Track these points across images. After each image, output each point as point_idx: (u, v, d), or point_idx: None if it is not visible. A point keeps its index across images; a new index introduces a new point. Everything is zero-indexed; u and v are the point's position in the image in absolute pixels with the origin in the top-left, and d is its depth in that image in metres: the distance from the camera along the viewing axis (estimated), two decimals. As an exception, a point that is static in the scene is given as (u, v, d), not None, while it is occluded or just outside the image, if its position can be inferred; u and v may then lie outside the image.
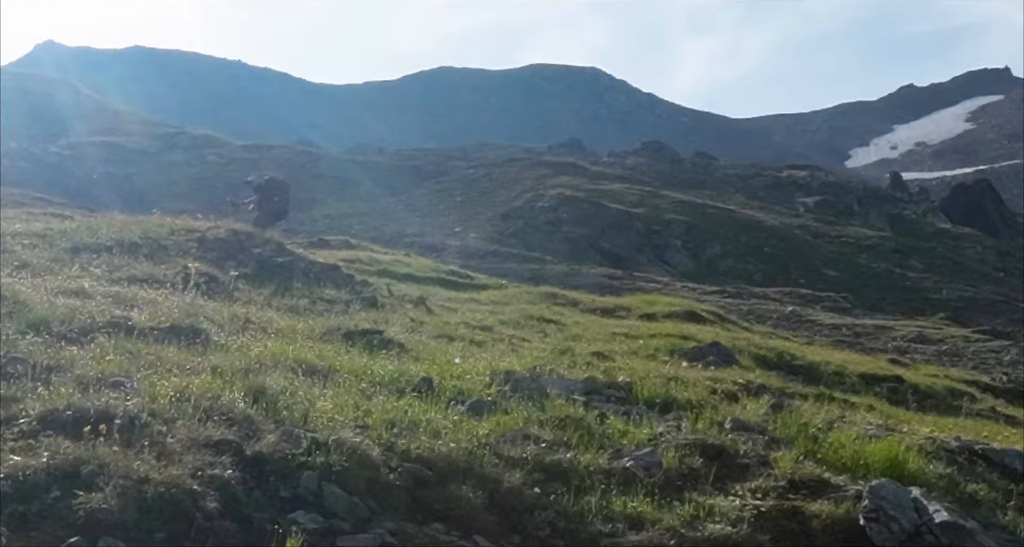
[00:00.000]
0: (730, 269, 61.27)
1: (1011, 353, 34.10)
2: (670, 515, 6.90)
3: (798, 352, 21.21)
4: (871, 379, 19.23)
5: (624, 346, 16.96)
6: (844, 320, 41.34)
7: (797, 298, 49.11)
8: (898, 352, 31.79)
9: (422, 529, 6.16)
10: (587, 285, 41.37)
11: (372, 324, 13.16)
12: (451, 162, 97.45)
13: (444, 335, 14.48)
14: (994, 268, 70.61)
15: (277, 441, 6.56)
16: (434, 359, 10.87)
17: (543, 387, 9.61)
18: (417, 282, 28.08)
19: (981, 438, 10.69)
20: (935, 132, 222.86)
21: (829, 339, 33.49)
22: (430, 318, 17.25)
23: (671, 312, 26.08)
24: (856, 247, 69.34)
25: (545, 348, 14.76)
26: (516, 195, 75.03)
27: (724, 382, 11.89)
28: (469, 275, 34.71)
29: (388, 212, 73.67)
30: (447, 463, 6.94)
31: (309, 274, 17.79)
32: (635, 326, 21.50)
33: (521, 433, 7.87)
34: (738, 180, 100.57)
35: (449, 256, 52.16)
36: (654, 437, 8.47)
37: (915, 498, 7.34)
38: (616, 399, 10.10)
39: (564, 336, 18.11)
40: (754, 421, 9.42)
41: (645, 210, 69.61)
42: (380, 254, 35.48)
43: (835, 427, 9.61)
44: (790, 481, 7.75)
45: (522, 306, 24.20)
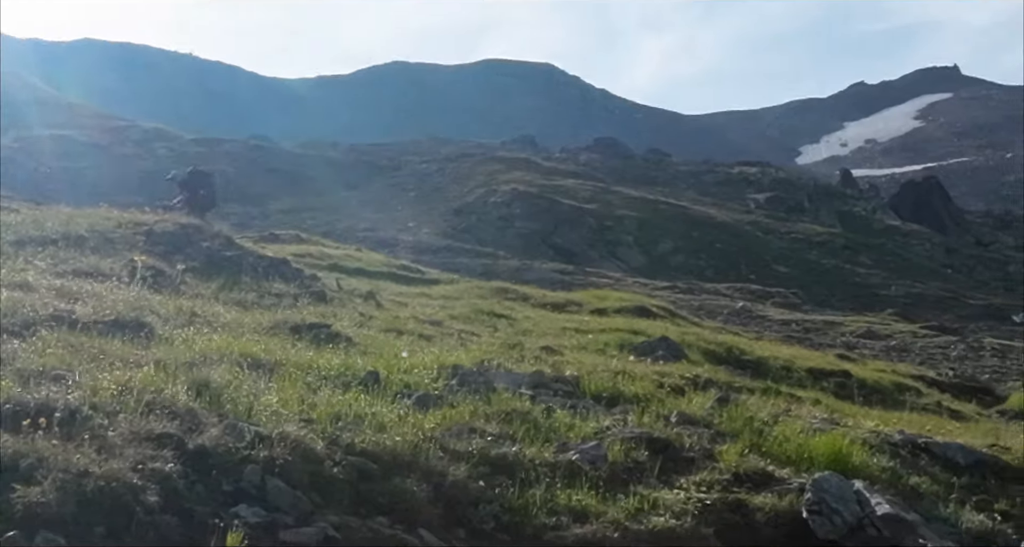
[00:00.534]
0: (681, 265, 61.48)
1: (958, 349, 34.42)
2: (615, 508, 6.91)
3: (747, 347, 21.30)
4: (819, 374, 19.34)
5: (574, 341, 16.98)
6: (794, 316, 41.59)
7: (748, 294, 49.36)
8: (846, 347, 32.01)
9: (366, 523, 6.12)
10: (539, 280, 41.40)
11: (320, 318, 13.10)
12: (404, 157, 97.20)
13: (393, 329, 14.44)
14: (942, 265, 71.24)
15: (220, 435, 6.50)
16: (382, 353, 10.82)
17: (490, 381, 9.60)
18: (368, 277, 27.98)
19: (925, 432, 10.78)
20: (885, 130, 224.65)
21: (779, 334, 33.66)
22: (379, 312, 17.20)
23: (622, 307, 26.12)
24: (806, 243, 69.77)
25: (494, 342, 14.77)
26: (469, 190, 74.95)
27: (671, 376, 11.95)
28: (420, 270, 34.67)
29: (340, 207, 73.40)
30: (392, 457, 6.91)
31: (258, 268, 17.69)
32: (585, 321, 21.52)
33: (467, 427, 7.85)
34: (690, 176, 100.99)
35: (401, 251, 52.03)
36: (600, 431, 8.48)
37: (858, 491, 7.39)
38: (563, 393, 10.11)
39: (514, 331, 18.13)
40: (700, 415, 9.46)
41: (597, 206, 69.73)
42: (331, 249, 35.33)
43: (780, 421, 9.68)
44: (735, 474, 7.79)
45: (473, 301, 24.18)
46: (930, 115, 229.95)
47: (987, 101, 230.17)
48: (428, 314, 18.76)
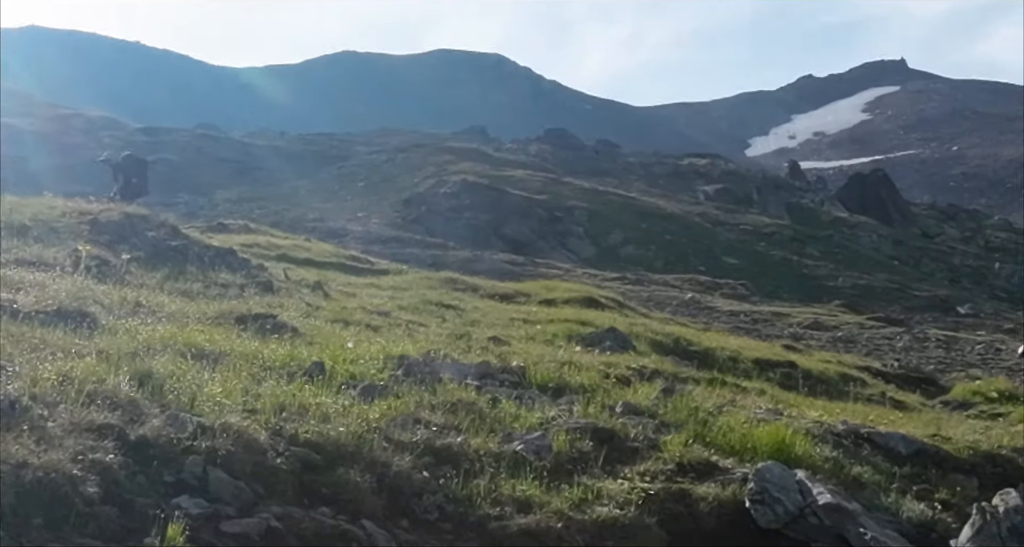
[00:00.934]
0: (631, 256, 61.62)
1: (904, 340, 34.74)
2: (559, 498, 6.92)
3: (694, 338, 21.40)
4: (765, 364, 19.47)
5: (522, 331, 17.00)
6: (742, 307, 41.79)
7: (696, 285, 49.54)
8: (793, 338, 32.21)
9: (309, 513, 6.10)
10: (488, 271, 41.38)
11: (266, 308, 13.05)
12: (354, 147, 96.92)
13: (340, 320, 14.39)
14: (889, 256, 71.79)
15: (162, 425, 6.46)
16: (328, 343, 10.77)
17: (437, 371, 9.59)
18: (316, 267, 27.88)
19: (868, 422, 10.88)
20: (833, 122, 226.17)
21: (727, 325, 33.82)
22: (327, 303, 17.15)
23: (570, 298, 26.18)
24: (755, 235, 70.11)
25: (442, 333, 14.76)
26: (419, 181, 74.78)
27: (618, 367, 11.98)
28: (370, 260, 34.57)
29: (289, 197, 73.08)
30: (336, 447, 6.89)
31: (204, 258, 17.59)
32: (534, 312, 21.55)
33: (412, 417, 7.84)
34: (640, 168, 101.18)
35: (350, 241, 51.84)
36: (546, 421, 8.49)
37: (800, 480, 7.45)
38: (510, 383, 10.12)
39: (462, 321, 18.12)
40: (645, 405, 9.50)
41: (548, 197, 69.75)
42: (279, 239, 35.16)
43: (725, 411, 9.74)
44: (679, 464, 7.83)
45: (422, 291, 24.14)
46: (877, 108, 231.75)
47: (934, 94, 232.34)
48: (376, 305, 18.72)
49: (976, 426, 12.43)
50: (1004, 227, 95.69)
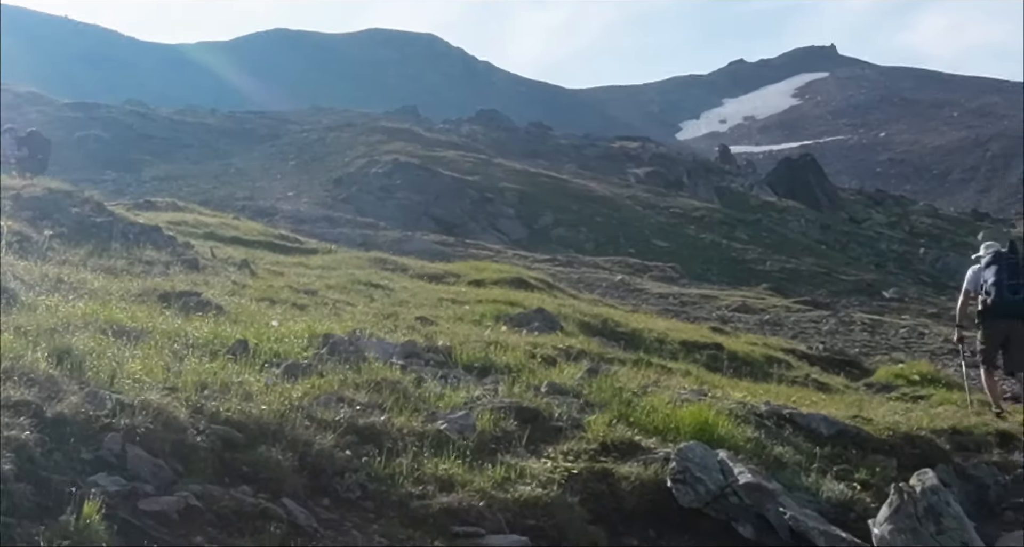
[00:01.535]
0: (562, 238, 61.74)
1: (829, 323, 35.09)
2: (481, 477, 6.92)
3: (622, 319, 21.48)
4: (692, 346, 19.57)
5: (450, 312, 16.96)
6: (671, 289, 42.01)
7: (626, 267, 49.75)
8: (721, 321, 32.43)
9: (229, 491, 6.05)
10: (419, 251, 41.27)
11: (191, 286, 12.92)
12: (285, 125, 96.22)
13: (267, 298, 14.27)
14: (816, 241, 72.50)
15: (80, 402, 6.36)
16: (252, 322, 10.68)
17: (361, 350, 9.54)
18: (244, 245, 27.66)
19: (791, 403, 10.99)
20: (763, 107, 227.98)
21: (656, 307, 33.98)
22: (253, 281, 17.01)
23: (500, 279, 26.17)
24: (685, 218, 70.50)
25: (369, 312, 14.70)
26: (350, 160, 74.40)
27: (544, 347, 12.00)
28: (299, 239, 34.34)
29: (219, 175, 72.47)
30: (257, 426, 6.83)
31: (129, 235, 17.39)
32: (463, 292, 21.52)
33: (336, 396, 7.79)
34: (572, 150, 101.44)
35: (280, 220, 51.50)
36: (470, 400, 8.47)
37: (721, 460, 7.50)
38: (435, 363, 10.10)
39: (390, 301, 18.05)
40: (570, 385, 9.52)
41: (479, 178, 69.69)
42: (208, 217, 34.83)
43: (649, 391, 9.78)
44: (602, 444, 7.85)
45: (350, 271, 24.02)
46: (807, 94, 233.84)
47: (862, 81, 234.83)
48: (304, 284, 18.59)
49: (897, 408, 12.60)
50: (929, 213, 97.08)
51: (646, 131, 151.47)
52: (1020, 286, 13.56)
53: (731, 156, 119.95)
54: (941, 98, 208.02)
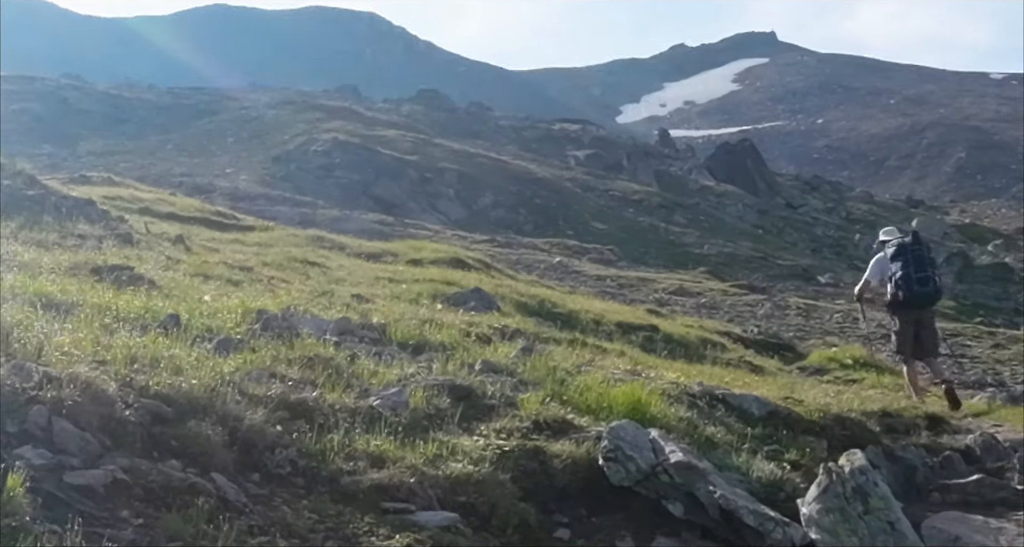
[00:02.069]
0: (501, 219, 61.78)
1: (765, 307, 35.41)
2: (413, 454, 6.89)
3: (559, 300, 21.54)
4: (628, 327, 19.67)
5: (387, 290, 16.93)
6: (609, 272, 42.20)
7: (565, 249, 49.89)
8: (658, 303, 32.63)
9: (157, 466, 5.97)
10: (357, 230, 41.15)
11: (123, 260, 12.77)
12: (224, 102, 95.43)
13: (201, 274, 14.15)
14: (753, 225, 73.03)
15: (6, 375, 6.26)
16: (185, 297, 10.59)
17: (295, 327, 9.47)
18: (180, 221, 27.46)
19: (723, 384, 11.05)
20: (703, 92, 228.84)
21: (593, 289, 34.11)
22: (188, 257, 16.86)
23: (437, 258, 26.16)
24: (623, 201, 70.74)
25: (305, 289, 14.63)
26: (289, 138, 73.99)
27: (480, 326, 12.00)
28: (236, 216, 34.13)
29: (156, 151, 71.84)
30: (187, 400, 6.76)
31: (62, 209, 17.15)
32: (400, 271, 21.48)
33: (268, 371, 7.73)
34: (512, 131, 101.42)
35: (218, 197, 51.14)
36: (404, 378, 8.44)
37: (653, 439, 7.52)
38: (370, 340, 10.06)
39: (327, 279, 17.98)
40: (505, 364, 9.51)
41: (419, 158, 69.53)
42: (143, 192, 34.54)
43: (583, 371, 9.81)
44: (535, 422, 7.84)
45: (287, 249, 23.91)
46: (747, 79, 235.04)
47: (801, 67, 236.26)
48: (239, 260, 18.47)
49: (828, 390, 12.72)
50: (865, 199, 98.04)
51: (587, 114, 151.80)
52: (928, 278, 14.15)
53: (671, 140, 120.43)
54: (879, 86, 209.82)
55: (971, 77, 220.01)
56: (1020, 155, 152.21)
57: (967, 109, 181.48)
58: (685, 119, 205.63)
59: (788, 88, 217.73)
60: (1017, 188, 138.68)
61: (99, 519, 5.27)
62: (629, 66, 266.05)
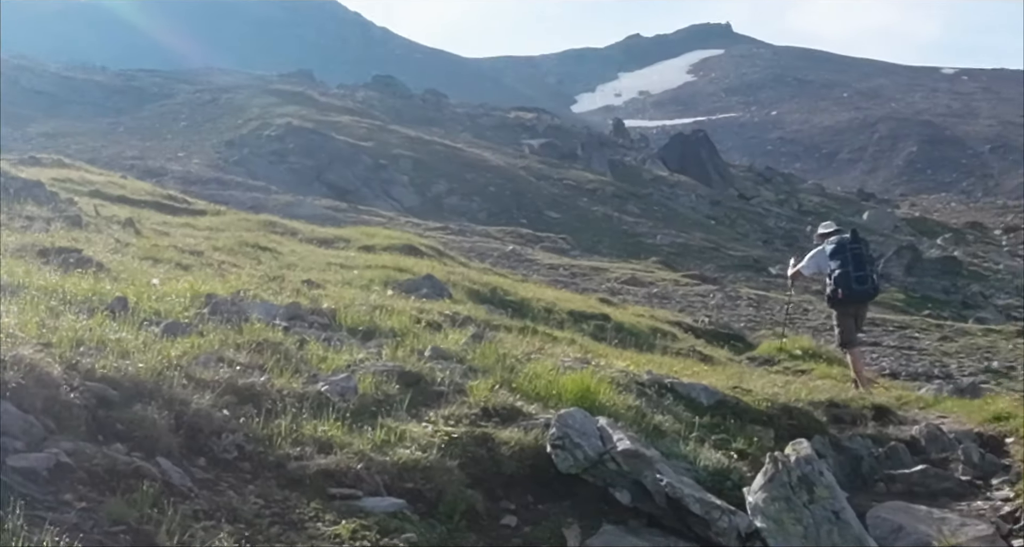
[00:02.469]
0: (455, 206, 61.67)
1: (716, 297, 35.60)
2: (361, 440, 6.88)
3: (511, 288, 21.57)
4: (579, 316, 19.75)
5: (338, 276, 16.90)
6: (562, 260, 42.27)
7: (518, 237, 49.91)
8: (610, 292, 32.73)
9: (102, 449, 5.93)
10: (310, 216, 41.00)
11: (72, 243, 12.67)
12: (177, 85, 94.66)
13: (150, 257, 14.07)
14: (706, 216, 73.25)
15: (-51, 357, 6.20)
16: (133, 280, 10.51)
17: (244, 311, 9.43)
18: (131, 205, 27.25)
19: (673, 373, 11.10)
20: (658, 82, 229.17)
21: (546, 278, 34.18)
22: (138, 240, 16.74)
23: (390, 245, 26.13)
24: (578, 190, 70.78)
25: (255, 274, 14.55)
26: (242, 122, 73.58)
27: (431, 313, 11.99)
28: (187, 200, 33.90)
29: (108, 133, 71.23)
30: (134, 384, 6.71)
31: (10, 190, 17.02)
32: (352, 257, 21.45)
33: (216, 356, 7.69)
34: (467, 119, 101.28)
35: (170, 181, 50.83)
36: (353, 363, 8.42)
37: (601, 427, 7.54)
38: (319, 325, 10.03)
39: (278, 264, 17.90)
40: (454, 350, 9.52)
41: (373, 144, 69.31)
42: (94, 175, 34.25)
43: (533, 358, 9.82)
44: (483, 409, 7.85)
45: (239, 233, 23.80)
46: (702, 70, 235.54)
47: (756, 60, 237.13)
48: (190, 244, 18.37)
49: (777, 380, 12.82)
50: (817, 191, 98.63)
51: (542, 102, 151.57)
52: (867, 277, 14.74)
53: (625, 130, 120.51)
54: (832, 79, 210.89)
55: (923, 72, 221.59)
56: (970, 150, 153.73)
57: (918, 103, 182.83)
58: (640, 109, 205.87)
59: (742, 80, 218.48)
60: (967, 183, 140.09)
61: (42, 502, 5.23)
62: (585, 55, 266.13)
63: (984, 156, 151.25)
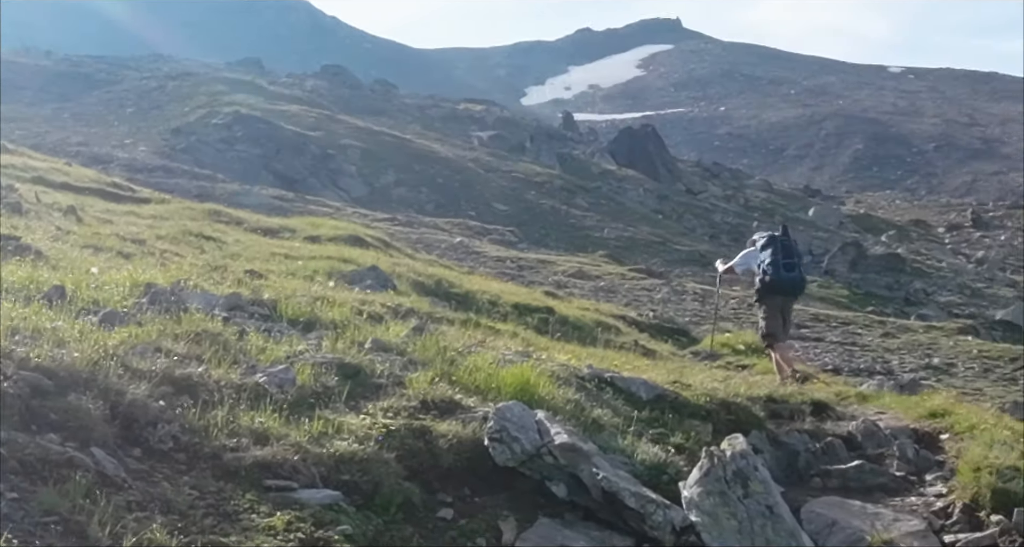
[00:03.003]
0: (403, 197, 61.57)
1: (662, 291, 35.78)
2: (298, 431, 6.87)
3: (457, 280, 21.59)
4: (524, 309, 19.79)
5: (282, 266, 16.83)
6: (509, 253, 42.32)
7: (466, 229, 49.95)
8: (556, 286, 32.82)
9: (35, 439, 5.89)
10: (256, 205, 40.83)
11: (10, 230, 12.54)
12: (124, 71, 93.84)
13: (91, 246, 13.96)
14: (653, 210, 73.48)
15: None
16: (72, 268, 10.42)
17: (184, 301, 9.36)
18: (74, 192, 26.99)
19: (614, 367, 11.15)
20: (608, 76, 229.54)
21: (493, 270, 34.22)
22: (79, 228, 16.61)
23: (336, 236, 26.06)
24: (526, 183, 70.82)
25: (197, 264, 14.46)
26: (190, 110, 73.10)
27: (373, 304, 11.96)
28: (132, 188, 33.64)
29: (53, 119, 70.56)
30: (69, 373, 6.65)
31: (-51, 176, 16.82)
32: (297, 247, 21.37)
33: (153, 346, 7.64)
34: (416, 110, 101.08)
35: (115, 168, 50.43)
36: (292, 355, 8.40)
37: (539, 421, 7.57)
38: (260, 316, 9.98)
39: (221, 254, 17.82)
40: (395, 343, 9.50)
41: (322, 134, 69.06)
42: (37, 161, 33.86)
43: (474, 351, 9.82)
44: (422, 401, 7.85)
45: (183, 222, 23.64)
46: (651, 65, 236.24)
47: (705, 55, 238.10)
48: (133, 233, 18.25)
49: (716, 375, 12.90)
50: (764, 187, 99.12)
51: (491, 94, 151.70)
52: (794, 265, 15.33)
53: (574, 123, 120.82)
54: (780, 76, 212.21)
55: (870, 70, 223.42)
56: (915, 148, 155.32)
57: (865, 101, 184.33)
58: (589, 103, 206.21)
59: (691, 75, 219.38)
60: (911, 180, 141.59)
61: (-29, 492, 5.20)
62: (535, 48, 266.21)
63: (929, 154, 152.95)
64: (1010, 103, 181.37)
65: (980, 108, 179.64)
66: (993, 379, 25.12)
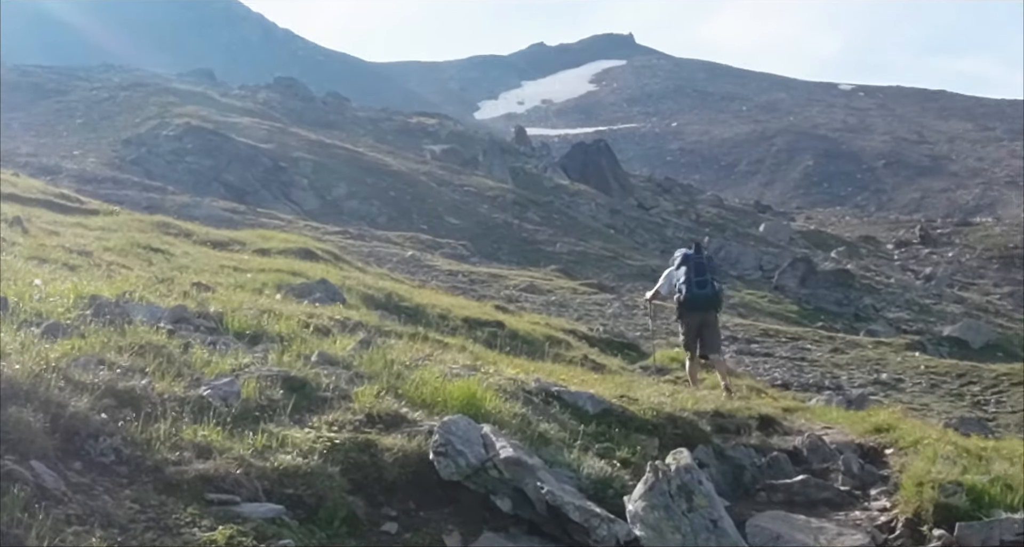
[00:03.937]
0: (355, 210, 61.42)
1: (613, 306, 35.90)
2: (241, 445, 6.82)
3: (407, 294, 21.57)
4: (474, 323, 19.81)
5: (231, 279, 16.76)
6: (461, 267, 42.32)
7: (418, 243, 49.91)
8: (508, 300, 32.86)
9: (-27, 452, 5.84)
10: (207, 218, 40.63)
11: (-46, 241, 12.43)
12: (73, 81, 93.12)
13: (36, 257, 13.83)
14: (605, 225, 73.67)
15: None
16: (16, 280, 10.32)
17: (128, 313, 9.29)
18: (21, 203, 26.72)
19: (561, 381, 11.17)
20: (561, 91, 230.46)
21: (444, 284, 34.20)
22: (25, 239, 16.45)
23: (286, 249, 25.99)
24: (478, 197, 70.85)
25: (144, 276, 14.36)
26: (140, 121, 72.68)
27: (321, 318, 11.93)
28: (80, 199, 33.39)
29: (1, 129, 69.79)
30: (9, 385, 6.58)
31: None
32: (246, 260, 21.28)
33: (96, 358, 7.57)
34: (368, 123, 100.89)
35: (64, 179, 50.05)
36: (238, 368, 8.35)
37: (485, 434, 7.57)
38: (206, 329, 9.92)
39: (169, 266, 17.71)
40: (342, 356, 9.48)
41: (273, 146, 68.79)
42: (-16, 172, 33.56)
43: (421, 365, 9.81)
44: (368, 415, 7.83)
45: (131, 234, 23.48)
46: (604, 80, 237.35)
47: (657, 71, 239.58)
48: (80, 244, 18.10)
49: (664, 389, 12.95)
50: (715, 203, 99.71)
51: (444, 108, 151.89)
52: (706, 282, 15.89)
53: (527, 137, 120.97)
54: (731, 92, 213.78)
55: (820, 87, 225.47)
56: (865, 165, 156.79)
57: (816, 118, 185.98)
58: (542, 117, 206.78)
59: (644, 90, 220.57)
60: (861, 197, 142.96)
61: (-94, 506, 5.13)
62: (488, 62, 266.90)
63: (878, 171, 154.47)
64: (958, 121, 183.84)
65: (929, 125, 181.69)
66: (940, 394, 25.41)
